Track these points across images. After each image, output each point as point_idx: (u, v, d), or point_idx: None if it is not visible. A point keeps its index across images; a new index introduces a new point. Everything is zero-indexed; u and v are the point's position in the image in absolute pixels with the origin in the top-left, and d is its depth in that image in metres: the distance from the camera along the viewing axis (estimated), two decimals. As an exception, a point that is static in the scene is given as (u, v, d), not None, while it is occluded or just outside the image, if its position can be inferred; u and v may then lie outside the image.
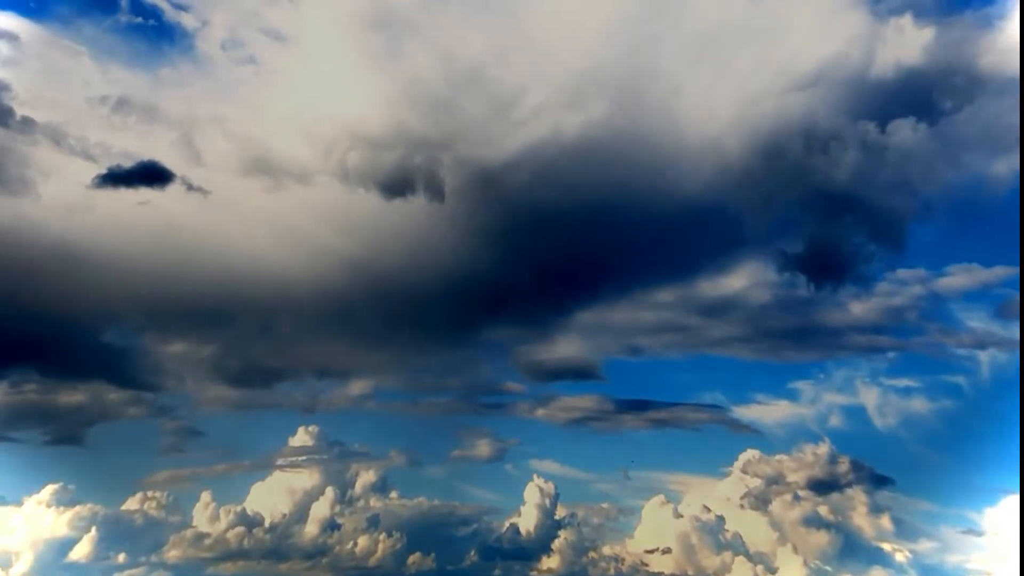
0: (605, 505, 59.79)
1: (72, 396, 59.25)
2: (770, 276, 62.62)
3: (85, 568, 54.81)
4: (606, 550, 57.85)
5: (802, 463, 58.41)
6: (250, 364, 61.04)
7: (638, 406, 62.24)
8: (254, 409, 62.22)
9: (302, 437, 59.46)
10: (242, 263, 59.28)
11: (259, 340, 61.42)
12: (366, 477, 59.14)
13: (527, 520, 57.61)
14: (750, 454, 59.71)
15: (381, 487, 59.34)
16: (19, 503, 56.03)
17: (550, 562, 57.12)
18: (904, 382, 61.27)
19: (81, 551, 55.02)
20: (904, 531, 56.40)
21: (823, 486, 57.76)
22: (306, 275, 60.00)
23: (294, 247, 60.56)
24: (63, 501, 56.69)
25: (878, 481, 57.26)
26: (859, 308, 61.09)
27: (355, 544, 56.97)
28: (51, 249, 56.53)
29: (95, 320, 59.35)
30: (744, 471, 59.27)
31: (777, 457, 59.30)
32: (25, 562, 54.33)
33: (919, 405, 60.71)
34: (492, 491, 61.47)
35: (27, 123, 57.88)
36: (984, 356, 59.55)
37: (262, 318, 60.85)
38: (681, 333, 63.98)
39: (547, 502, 57.73)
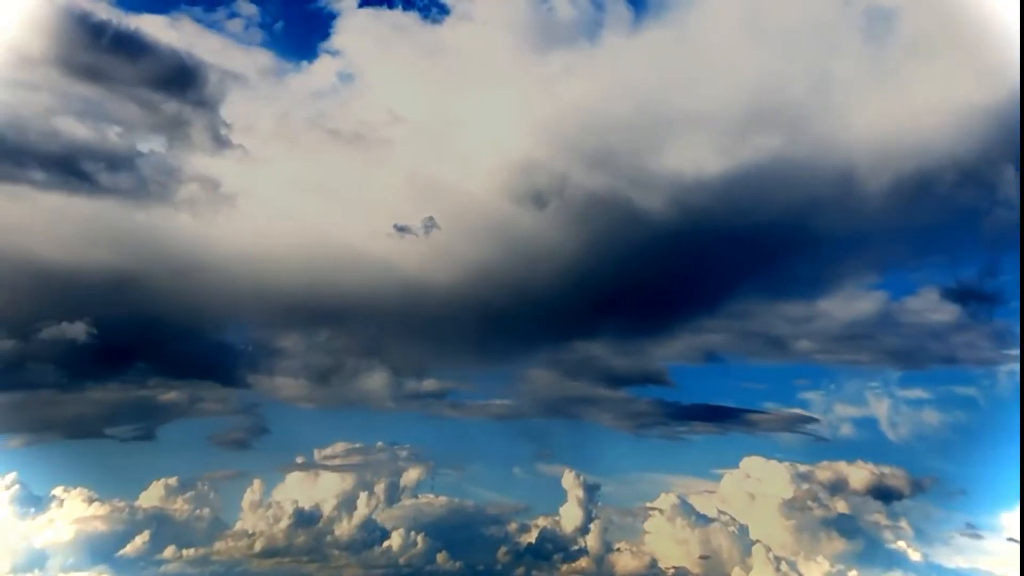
0: (633, 507, 62.00)
1: (166, 394, 61.12)
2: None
3: (133, 562, 56.50)
4: (631, 551, 59.60)
5: (827, 468, 60.97)
6: (338, 362, 63.03)
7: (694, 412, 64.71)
8: (329, 407, 63.78)
9: (358, 435, 61.64)
10: (363, 264, 62.02)
11: (355, 339, 63.84)
12: (411, 477, 61.11)
13: (567, 521, 59.72)
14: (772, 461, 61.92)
15: (427, 487, 61.39)
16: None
17: (583, 562, 58.83)
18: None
19: (130, 546, 56.82)
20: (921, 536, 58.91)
21: (844, 490, 60.28)
22: (426, 277, 62.94)
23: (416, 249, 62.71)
24: (111, 496, 58.87)
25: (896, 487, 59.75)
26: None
27: (391, 543, 58.63)
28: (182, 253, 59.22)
29: (209, 320, 62.57)
30: (756, 476, 61.61)
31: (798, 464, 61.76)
32: (75, 557, 56.09)
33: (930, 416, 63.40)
34: (533, 493, 63.63)
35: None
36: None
37: (369, 318, 63.50)
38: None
39: (587, 504, 59.78)
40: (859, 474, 60.17)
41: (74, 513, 57.76)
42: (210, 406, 61.58)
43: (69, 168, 55.23)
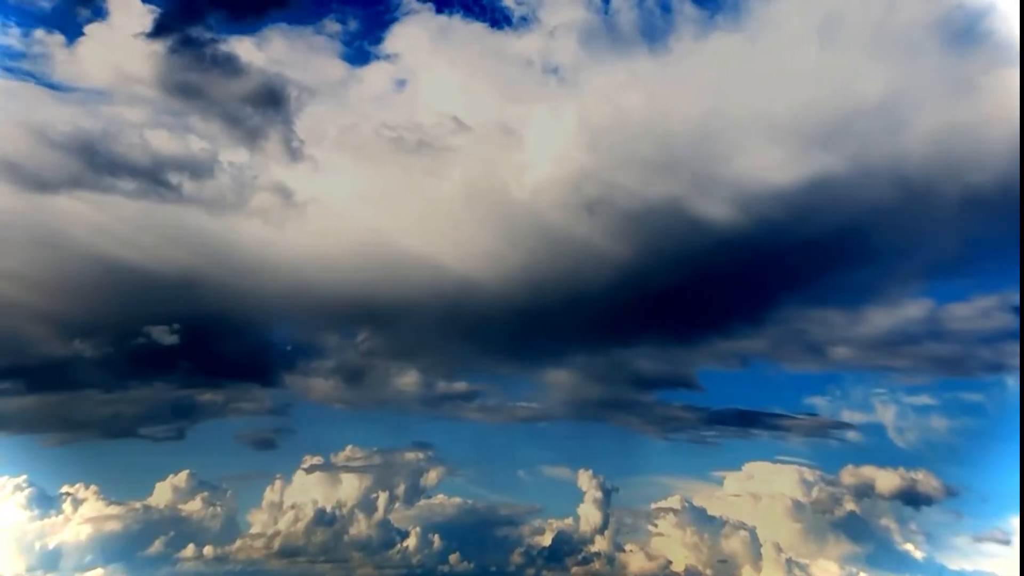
0: (646, 507, 62.35)
1: (204, 394, 62.59)
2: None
3: (151, 561, 57.16)
4: (645, 553, 60.11)
5: (851, 474, 61.74)
6: (372, 363, 64.70)
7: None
8: (360, 407, 65.12)
9: (383, 436, 62.79)
10: (414, 267, 63.18)
11: (394, 340, 65.20)
12: (431, 479, 61.88)
13: (582, 523, 60.41)
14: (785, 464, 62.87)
15: (445, 489, 62.15)
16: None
17: (596, 564, 59.33)
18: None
19: (147, 545, 57.45)
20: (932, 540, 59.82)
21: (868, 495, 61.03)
22: (473, 280, 64.26)
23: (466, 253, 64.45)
24: (132, 495, 59.66)
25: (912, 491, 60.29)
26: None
27: (406, 543, 59.29)
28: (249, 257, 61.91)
29: (258, 322, 64.59)
30: (770, 480, 62.46)
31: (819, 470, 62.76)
32: (92, 556, 56.56)
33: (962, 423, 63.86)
34: (550, 495, 64.51)
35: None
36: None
37: (412, 320, 64.55)
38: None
39: (603, 506, 60.38)
40: (885, 479, 60.67)
41: (91, 512, 58.35)
42: (244, 406, 63.20)
43: (155, 178, 59.96)
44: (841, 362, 66.13)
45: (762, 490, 62.10)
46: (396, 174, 64.64)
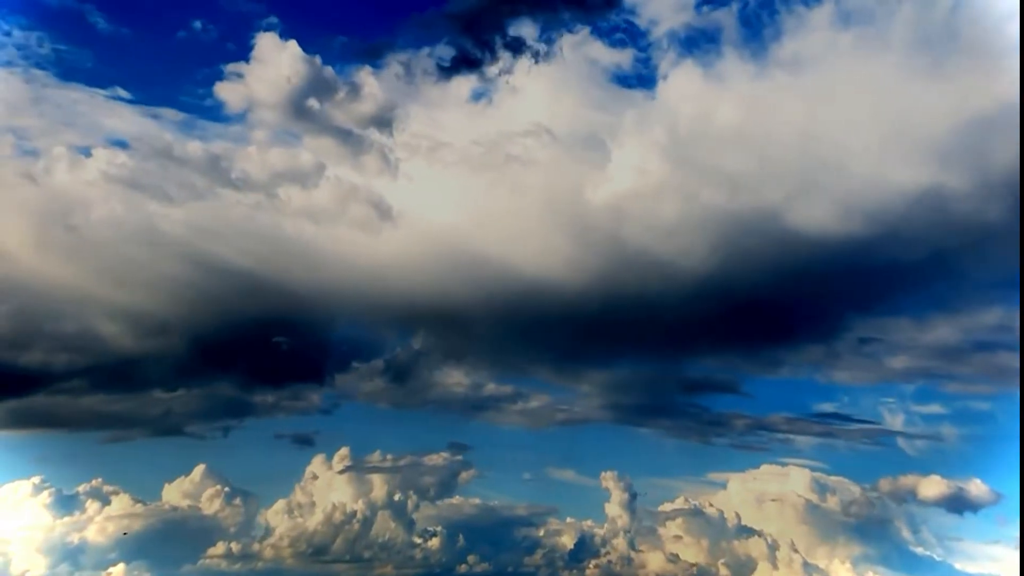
0: (668, 509, 62.85)
1: (260, 394, 64.51)
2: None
3: (174, 559, 57.35)
4: (659, 552, 60.71)
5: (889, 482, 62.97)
6: (422, 364, 66.57)
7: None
8: (403, 407, 66.76)
9: (419, 436, 64.03)
10: (488, 271, 65.28)
11: (451, 342, 67.23)
12: (459, 480, 62.71)
13: (602, 525, 61.56)
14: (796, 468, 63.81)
15: (472, 490, 63.09)
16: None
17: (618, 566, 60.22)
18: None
19: (170, 543, 57.72)
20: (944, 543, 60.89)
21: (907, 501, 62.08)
22: (543, 285, 65.53)
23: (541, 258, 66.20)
24: (154, 495, 60.48)
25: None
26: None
27: (429, 544, 60.06)
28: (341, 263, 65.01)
29: (324, 324, 67.00)
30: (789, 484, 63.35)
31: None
32: (116, 553, 57.01)
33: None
34: (572, 497, 66.09)
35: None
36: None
37: (475, 322, 66.68)
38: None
39: (628, 508, 61.46)
40: (927, 486, 61.24)
41: (116, 510, 58.94)
42: (295, 405, 64.88)
43: (266, 190, 65.66)
44: (902, 371, 67.08)
45: (777, 492, 63.05)
46: (482, 184, 67.70)
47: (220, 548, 57.98)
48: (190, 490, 60.02)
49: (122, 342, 62.24)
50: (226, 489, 60.28)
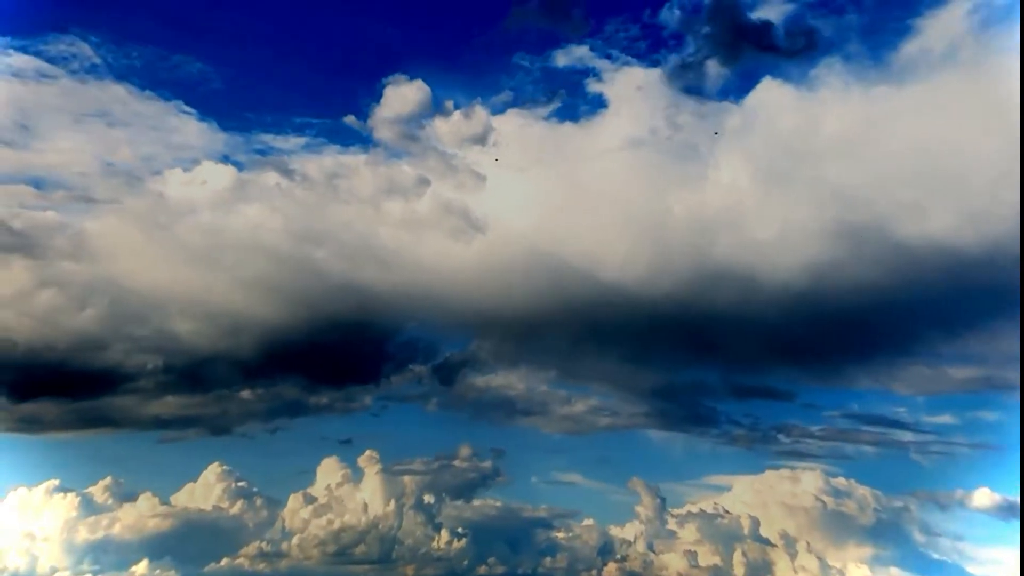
0: (686, 510, 64.11)
1: (316, 395, 65.94)
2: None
3: (199, 559, 57.66)
4: (672, 556, 61.61)
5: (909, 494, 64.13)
6: (476, 369, 68.29)
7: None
8: (450, 410, 67.98)
9: (457, 439, 65.20)
10: (567, 275, 66.48)
11: (514, 347, 68.90)
12: (488, 483, 63.77)
13: (626, 528, 62.78)
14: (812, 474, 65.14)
15: (499, 493, 64.24)
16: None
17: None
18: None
19: (196, 544, 58.04)
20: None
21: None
22: (624, 290, 66.71)
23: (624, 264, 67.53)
24: (184, 495, 61.00)
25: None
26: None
27: (454, 545, 60.46)
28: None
29: (394, 327, 68.83)
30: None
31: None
32: (144, 552, 57.20)
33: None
34: (597, 501, 67.07)
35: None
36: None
37: (544, 328, 67.65)
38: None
39: (658, 512, 62.83)
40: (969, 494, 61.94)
41: (147, 510, 59.45)
42: (347, 405, 66.31)
43: (372, 202, 70.37)
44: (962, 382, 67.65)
45: (788, 494, 64.12)
46: (570, 195, 70.31)
47: (252, 548, 58.64)
48: (215, 491, 60.47)
49: (196, 343, 64.00)
50: (254, 489, 61.20)
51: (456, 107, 72.71)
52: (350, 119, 73.34)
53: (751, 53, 72.48)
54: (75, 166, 67.83)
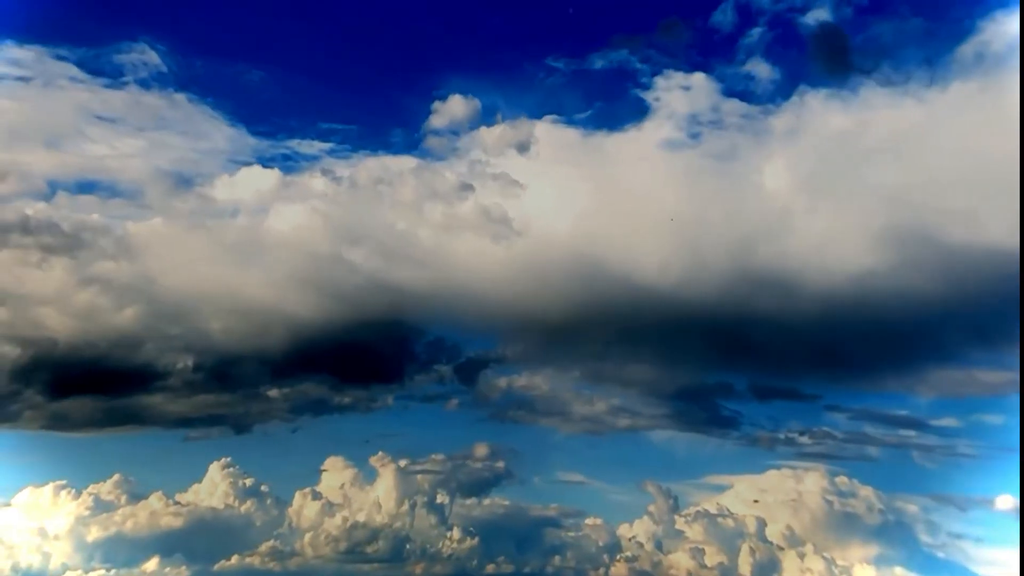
0: (698, 511, 64.27)
1: (340, 394, 65.73)
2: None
3: (208, 558, 57.81)
4: (681, 555, 61.82)
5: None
6: (498, 369, 68.30)
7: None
8: (468, 410, 67.89)
9: (470, 439, 65.73)
10: (598, 277, 66.85)
11: (538, 348, 68.96)
12: (499, 484, 63.71)
13: (634, 528, 62.84)
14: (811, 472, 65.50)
15: (509, 493, 64.06)
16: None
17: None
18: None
19: (206, 542, 58.09)
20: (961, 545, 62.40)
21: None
22: (655, 293, 66.74)
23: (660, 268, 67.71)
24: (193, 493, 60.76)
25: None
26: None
27: (464, 545, 60.55)
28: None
29: (423, 328, 68.86)
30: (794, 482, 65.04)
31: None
32: (153, 551, 57.47)
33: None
34: (608, 501, 66.69)
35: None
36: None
37: (569, 327, 67.42)
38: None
39: (668, 513, 63.16)
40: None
41: (153, 509, 59.28)
42: (370, 405, 66.21)
43: (413, 205, 71.35)
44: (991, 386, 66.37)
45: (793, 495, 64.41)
46: (610, 199, 70.72)
47: (265, 546, 58.68)
48: (223, 488, 60.35)
49: (227, 342, 64.35)
50: (264, 488, 61.01)
51: (503, 118, 74.11)
52: (399, 128, 76.05)
53: (797, 55, 72.86)
54: (127, 171, 69.54)
